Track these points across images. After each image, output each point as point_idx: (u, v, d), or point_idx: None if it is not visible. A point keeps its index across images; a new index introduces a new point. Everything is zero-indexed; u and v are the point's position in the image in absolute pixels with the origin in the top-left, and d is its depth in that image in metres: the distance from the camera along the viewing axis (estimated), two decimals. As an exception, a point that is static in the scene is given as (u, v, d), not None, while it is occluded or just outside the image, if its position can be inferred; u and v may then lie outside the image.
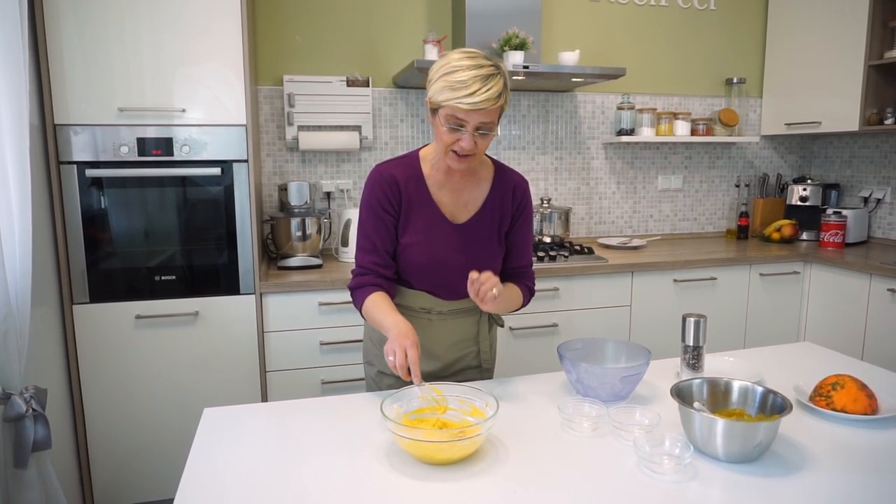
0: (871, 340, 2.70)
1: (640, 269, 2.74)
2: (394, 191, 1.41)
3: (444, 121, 1.30)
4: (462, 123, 1.29)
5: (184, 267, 2.28)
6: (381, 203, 1.42)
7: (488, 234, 1.48)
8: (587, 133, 3.33)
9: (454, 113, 1.28)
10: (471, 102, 1.25)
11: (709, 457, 1.11)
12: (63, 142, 2.11)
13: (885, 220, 3.33)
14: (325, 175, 2.97)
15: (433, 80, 1.31)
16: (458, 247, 1.44)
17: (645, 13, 3.31)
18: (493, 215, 1.48)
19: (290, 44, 2.86)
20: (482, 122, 1.29)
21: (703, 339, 1.42)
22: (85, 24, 2.07)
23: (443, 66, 1.29)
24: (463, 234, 1.45)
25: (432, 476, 1.07)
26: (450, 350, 1.55)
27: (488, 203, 1.48)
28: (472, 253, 1.45)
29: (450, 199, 1.46)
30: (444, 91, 1.27)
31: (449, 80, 1.26)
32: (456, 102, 1.26)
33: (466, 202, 1.47)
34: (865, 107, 2.95)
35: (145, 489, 2.33)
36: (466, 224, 1.46)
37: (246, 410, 1.36)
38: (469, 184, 1.48)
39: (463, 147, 1.31)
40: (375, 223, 1.43)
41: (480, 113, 1.27)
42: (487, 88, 1.25)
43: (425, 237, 1.42)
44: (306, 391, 2.40)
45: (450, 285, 1.46)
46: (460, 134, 1.30)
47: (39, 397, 1.67)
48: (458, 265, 1.42)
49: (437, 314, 1.51)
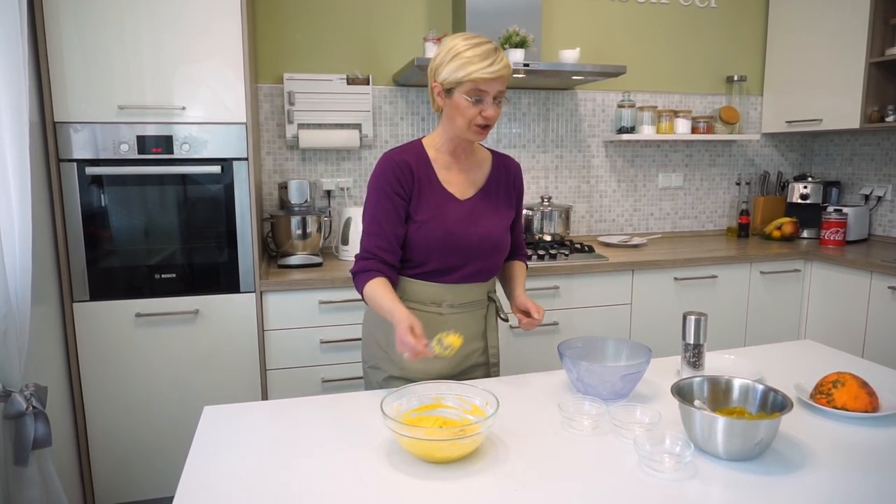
0: (872, 338, 2.69)
1: (641, 268, 2.74)
2: (406, 174, 1.48)
3: (467, 95, 1.40)
4: (483, 95, 1.40)
5: (184, 265, 2.28)
6: (392, 186, 1.47)
7: (494, 207, 1.58)
8: (588, 131, 3.32)
9: (476, 85, 1.39)
10: (492, 70, 1.37)
11: (709, 455, 1.11)
12: (63, 139, 2.11)
13: (885, 217, 3.32)
14: (326, 173, 2.97)
15: (444, 64, 1.41)
16: (469, 219, 1.52)
17: (645, 11, 3.31)
18: (497, 191, 1.60)
19: (291, 42, 2.85)
20: (500, 90, 1.41)
21: (704, 337, 1.42)
22: (85, 22, 2.07)
23: (451, 50, 1.41)
24: (471, 208, 1.54)
25: (432, 474, 1.07)
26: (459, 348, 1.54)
27: (491, 181, 1.59)
28: (482, 223, 1.53)
29: (456, 178, 1.55)
30: (462, 68, 1.38)
31: (465, 58, 1.38)
32: (478, 74, 1.37)
33: (472, 181, 1.57)
34: (866, 104, 2.95)
35: (146, 487, 2.34)
36: (473, 199, 1.55)
37: (246, 409, 1.36)
38: (472, 165, 1.58)
39: (489, 115, 1.42)
40: (386, 206, 1.48)
41: (499, 81, 1.40)
42: (501, 58, 1.39)
43: (438, 213, 1.49)
44: (306, 389, 2.40)
45: (465, 257, 1.52)
46: (483, 105, 1.41)
47: (40, 395, 1.67)
48: (473, 235, 1.51)
49: (447, 307, 1.54)
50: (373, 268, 1.47)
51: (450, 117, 1.46)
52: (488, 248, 1.53)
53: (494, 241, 1.54)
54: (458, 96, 1.41)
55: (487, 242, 1.53)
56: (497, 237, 1.55)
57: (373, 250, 1.48)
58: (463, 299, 1.55)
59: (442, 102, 1.46)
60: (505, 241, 1.59)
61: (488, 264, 1.56)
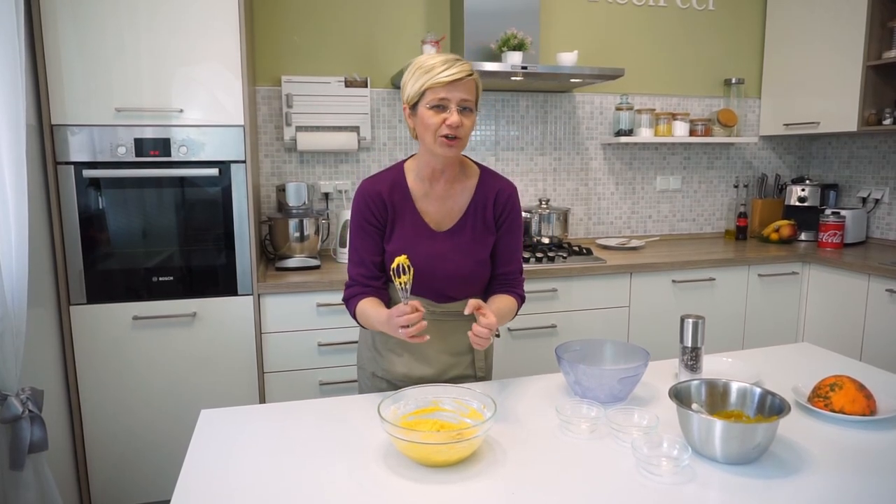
0: (870, 341, 2.70)
1: (639, 270, 2.74)
2: (378, 204, 1.46)
3: (428, 105, 1.36)
4: (445, 103, 1.36)
5: (181, 268, 2.28)
6: (365, 217, 1.47)
7: (471, 241, 1.50)
8: (586, 134, 3.32)
9: (436, 93, 1.35)
10: (449, 73, 1.34)
11: (707, 458, 1.11)
12: (60, 142, 2.11)
13: (883, 220, 3.33)
14: (324, 176, 2.97)
15: (407, 82, 1.40)
16: (442, 254, 1.47)
17: (643, 13, 3.31)
18: (475, 221, 1.50)
19: (289, 44, 2.85)
20: (463, 98, 1.36)
21: (702, 340, 1.42)
22: (82, 24, 2.06)
23: (412, 67, 1.39)
24: (446, 242, 1.48)
25: (429, 478, 1.06)
26: (443, 355, 1.53)
27: (470, 209, 1.50)
28: (456, 260, 1.47)
29: (434, 207, 1.49)
30: (420, 78, 1.36)
31: (423, 69, 1.36)
32: (435, 80, 1.34)
33: (450, 209, 1.50)
34: (864, 107, 2.95)
35: (143, 490, 2.33)
36: (449, 232, 1.49)
37: (242, 412, 1.36)
38: (454, 191, 1.50)
39: (452, 123, 1.35)
40: (362, 237, 1.49)
41: (460, 86, 1.35)
42: (461, 64, 1.36)
43: (409, 245, 1.45)
44: (304, 392, 2.40)
45: (437, 290, 1.48)
46: (446, 113, 1.36)
47: (36, 398, 1.66)
48: (444, 272, 1.46)
49: (429, 314, 1.49)
50: (360, 293, 1.48)
51: (420, 136, 1.41)
52: (456, 282, 1.48)
53: (464, 276, 1.48)
54: (422, 109, 1.37)
55: (455, 277, 1.47)
56: (468, 273, 1.48)
57: (357, 277, 1.50)
58: (446, 309, 1.51)
59: (412, 123, 1.42)
60: (479, 274, 1.51)
61: (461, 293, 1.50)
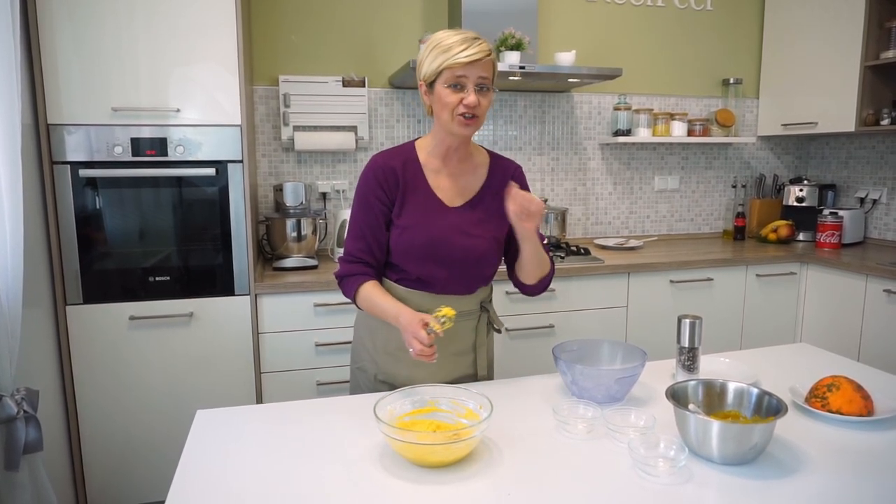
0: (868, 341, 2.70)
1: (637, 270, 2.74)
2: (389, 179, 1.45)
3: (446, 83, 1.36)
4: (463, 81, 1.36)
5: (178, 268, 2.27)
6: (375, 193, 1.45)
7: (485, 218, 1.50)
8: (584, 134, 3.32)
9: (454, 71, 1.35)
10: (468, 54, 1.34)
11: (704, 459, 1.11)
12: (56, 142, 2.10)
13: (881, 220, 3.33)
14: (321, 175, 2.96)
15: (425, 59, 1.39)
16: (455, 229, 1.46)
17: (641, 13, 3.31)
18: (490, 201, 1.51)
19: (286, 44, 2.85)
20: (481, 76, 1.36)
21: (699, 340, 1.41)
22: (79, 23, 2.06)
23: (430, 44, 1.39)
24: (459, 217, 1.47)
25: (426, 479, 1.06)
26: (447, 359, 1.50)
27: (486, 188, 1.52)
28: (467, 235, 1.46)
29: (446, 184, 1.49)
30: (438, 57, 1.36)
31: (441, 47, 1.36)
32: (454, 59, 1.33)
33: (463, 188, 1.50)
34: (862, 107, 2.96)
35: (139, 491, 2.32)
36: (462, 207, 1.49)
37: (239, 412, 1.35)
38: (466, 170, 1.51)
39: (469, 102, 1.36)
40: (368, 213, 1.46)
41: (478, 66, 1.35)
42: (479, 43, 1.36)
43: (422, 219, 1.45)
44: (301, 392, 2.39)
45: (446, 268, 1.46)
46: (464, 92, 1.36)
47: (31, 399, 1.66)
48: (456, 247, 1.45)
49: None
50: (359, 272, 1.46)
51: (437, 114, 1.42)
52: (471, 261, 1.47)
53: (479, 255, 1.47)
54: (439, 87, 1.37)
55: (471, 255, 1.46)
56: (482, 251, 1.47)
57: (356, 254, 1.47)
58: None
59: (429, 101, 1.43)
60: (492, 255, 1.50)
61: (472, 277, 1.50)
